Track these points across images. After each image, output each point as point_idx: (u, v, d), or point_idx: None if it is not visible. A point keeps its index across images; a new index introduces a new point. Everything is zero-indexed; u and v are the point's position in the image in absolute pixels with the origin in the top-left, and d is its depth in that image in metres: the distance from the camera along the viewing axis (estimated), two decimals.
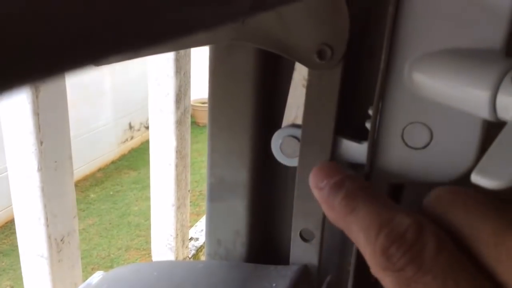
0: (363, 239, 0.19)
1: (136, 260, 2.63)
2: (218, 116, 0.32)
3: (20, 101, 1.01)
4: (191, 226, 2.61)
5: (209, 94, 0.31)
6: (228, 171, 0.33)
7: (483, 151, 0.22)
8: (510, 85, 0.19)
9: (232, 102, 0.31)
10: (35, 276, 1.23)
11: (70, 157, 1.15)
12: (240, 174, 0.33)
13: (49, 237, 1.12)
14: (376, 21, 0.26)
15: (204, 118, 4.04)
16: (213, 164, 0.33)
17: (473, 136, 0.23)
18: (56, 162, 1.09)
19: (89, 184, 3.38)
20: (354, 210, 0.20)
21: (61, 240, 1.15)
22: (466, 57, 0.21)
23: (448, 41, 0.22)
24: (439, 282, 0.17)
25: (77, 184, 3.33)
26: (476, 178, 0.18)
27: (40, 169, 1.07)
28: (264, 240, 0.35)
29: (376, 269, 0.18)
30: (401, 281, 0.17)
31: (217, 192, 0.34)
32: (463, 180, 0.23)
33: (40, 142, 1.04)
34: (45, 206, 1.10)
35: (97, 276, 0.35)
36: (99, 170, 3.56)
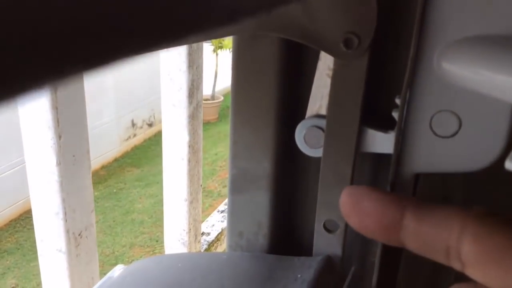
0: (454, 206, 0.18)
1: (140, 257, 2.64)
2: (241, 107, 0.32)
3: None
4: (201, 221, 2.62)
5: (232, 85, 0.31)
6: (250, 162, 0.33)
7: None
8: None
9: (255, 93, 0.31)
10: (52, 271, 1.24)
11: (88, 152, 1.16)
12: (262, 165, 0.33)
13: (67, 231, 1.13)
14: (403, 9, 0.26)
15: (207, 114, 4.03)
16: (235, 156, 0.33)
17: (503, 124, 0.22)
18: (74, 156, 1.10)
19: (92, 182, 3.39)
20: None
21: (79, 235, 1.16)
22: (495, 43, 0.21)
23: (477, 28, 0.21)
24: None
25: None
26: (511, 165, 0.18)
27: (58, 164, 1.08)
28: (286, 232, 0.35)
29: (476, 219, 0.17)
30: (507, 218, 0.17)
31: (239, 184, 0.34)
32: (495, 168, 0.22)
33: (59, 136, 1.05)
34: (63, 200, 1.11)
35: (118, 269, 0.35)
36: (102, 167, 3.57)
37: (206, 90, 3.94)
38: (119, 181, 3.42)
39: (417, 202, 0.19)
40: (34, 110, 1.06)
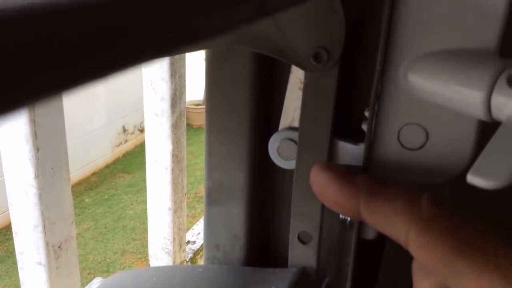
0: (402, 197, 0.19)
1: (133, 264, 2.61)
2: (215, 119, 0.32)
3: None
4: (187, 229, 2.60)
5: (206, 98, 0.31)
6: (226, 174, 0.33)
7: (478, 152, 0.22)
8: (504, 85, 0.19)
9: (229, 106, 0.31)
10: (33, 284, 1.22)
11: (67, 164, 1.14)
12: (238, 177, 0.33)
13: (47, 244, 1.12)
14: (371, 23, 0.26)
15: (198, 120, 4.02)
16: (210, 168, 0.33)
17: (468, 137, 0.23)
18: (53, 169, 1.09)
19: (83, 188, 3.36)
20: (384, 182, 0.20)
21: (59, 247, 1.15)
22: (460, 57, 0.21)
23: (442, 42, 0.22)
24: (495, 219, 0.17)
25: (72, 188, 3.29)
26: (472, 178, 0.19)
27: (37, 176, 1.06)
28: (263, 244, 0.35)
29: (418, 222, 0.18)
30: (458, 220, 0.17)
31: (215, 196, 0.34)
32: (459, 180, 0.23)
33: (37, 149, 1.04)
34: (42, 213, 1.09)
35: (96, 282, 0.35)
36: (94, 174, 3.53)
37: (198, 95, 3.93)
38: (110, 187, 3.38)
39: (368, 195, 0.20)
40: (12, 123, 1.05)
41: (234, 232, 0.34)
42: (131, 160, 3.75)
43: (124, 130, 3.89)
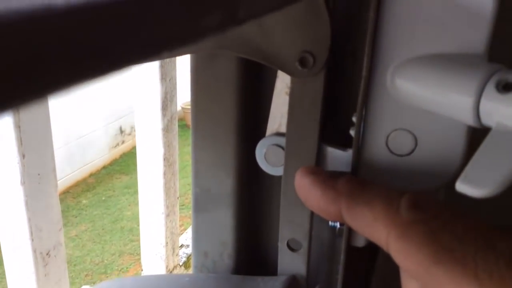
0: (381, 201, 0.19)
1: (130, 265, 2.60)
2: (201, 126, 0.31)
3: None
4: (182, 232, 2.59)
5: (191, 104, 0.31)
6: (213, 181, 0.32)
7: (468, 158, 0.22)
8: (493, 90, 0.19)
9: (215, 112, 0.30)
10: None
11: (54, 169, 1.13)
12: (225, 184, 0.32)
13: (34, 251, 1.10)
14: (358, 26, 0.26)
15: None
16: (197, 175, 0.32)
17: (458, 143, 0.22)
18: (39, 175, 1.07)
19: (80, 190, 3.35)
20: (365, 185, 0.20)
21: (47, 254, 1.13)
22: (448, 62, 0.21)
23: (430, 46, 0.21)
24: (479, 223, 0.17)
25: (69, 190, 3.30)
26: (461, 187, 0.18)
27: (23, 183, 1.05)
28: (252, 251, 0.34)
29: (397, 227, 0.18)
30: (436, 226, 0.17)
31: (202, 203, 0.33)
32: (449, 187, 0.22)
33: (23, 155, 1.02)
34: (29, 220, 1.07)
35: None
36: (91, 175, 3.52)
37: None
38: (107, 189, 3.37)
39: (348, 200, 0.20)
40: None
41: (222, 239, 0.34)
42: (128, 161, 3.74)
43: (121, 131, 3.87)
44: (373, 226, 0.19)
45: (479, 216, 0.18)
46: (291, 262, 0.30)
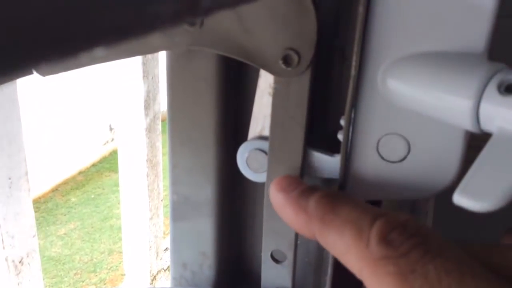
0: (351, 231, 0.17)
1: (119, 264, 2.58)
2: (178, 129, 0.29)
3: None
4: (167, 231, 2.56)
5: (168, 105, 0.28)
6: (191, 188, 0.30)
7: (465, 165, 0.20)
8: (494, 92, 0.17)
9: (192, 114, 0.28)
10: None
11: (26, 173, 1.08)
12: (204, 191, 0.30)
13: (5, 259, 1.05)
14: (347, 21, 0.24)
15: None
16: (175, 181, 0.30)
17: (454, 149, 0.21)
18: (10, 179, 1.03)
19: (69, 187, 3.31)
20: (335, 208, 0.18)
21: (20, 262, 1.08)
22: (445, 61, 0.19)
23: (425, 44, 0.20)
24: (453, 265, 0.15)
25: (58, 188, 3.26)
26: (459, 199, 0.16)
27: None
28: (234, 262, 0.32)
29: (368, 263, 0.16)
30: (405, 266, 0.15)
31: (180, 211, 0.31)
32: (444, 196, 0.21)
33: None
34: (0, 226, 1.03)
35: None
36: (80, 173, 3.48)
37: None
38: (97, 187, 3.35)
39: (320, 226, 0.19)
40: None
41: (202, 249, 0.31)
42: (118, 159, 3.72)
43: (110, 129, 3.82)
44: (346, 257, 0.17)
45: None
46: (275, 275, 0.28)
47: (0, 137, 1.01)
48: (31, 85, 2.68)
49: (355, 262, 0.17)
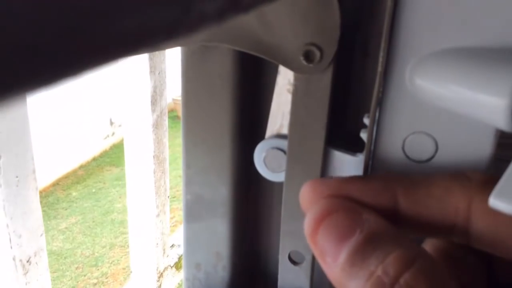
0: (448, 177, 0.18)
1: (121, 258, 2.59)
2: (193, 127, 0.28)
3: None
4: (173, 226, 2.56)
5: (182, 103, 0.28)
6: (206, 188, 0.29)
7: (495, 166, 0.19)
8: None
9: (208, 111, 0.27)
10: None
11: (34, 172, 1.08)
12: (219, 191, 0.29)
13: (13, 259, 1.05)
14: (371, 16, 0.23)
15: None
16: (189, 181, 0.30)
17: (484, 149, 0.20)
18: (17, 177, 1.02)
19: (70, 182, 3.33)
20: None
21: (28, 261, 1.08)
22: (478, 57, 0.18)
23: (456, 39, 0.19)
24: None
25: (59, 182, 3.28)
26: (496, 203, 0.16)
27: None
28: (249, 263, 0.31)
29: (482, 193, 0.17)
30: None
31: (195, 211, 0.30)
32: None
33: None
34: (7, 225, 1.02)
35: None
36: (81, 167, 3.50)
37: None
38: (98, 181, 3.37)
39: (407, 183, 0.19)
40: None
41: (216, 250, 0.31)
42: (119, 153, 3.74)
43: (111, 123, 3.83)
44: (444, 200, 0.17)
45: None
46: (293, 276, 0.27)
47: (6, 135, 1.01)
48: None
49: (461, 196, 0.17)
